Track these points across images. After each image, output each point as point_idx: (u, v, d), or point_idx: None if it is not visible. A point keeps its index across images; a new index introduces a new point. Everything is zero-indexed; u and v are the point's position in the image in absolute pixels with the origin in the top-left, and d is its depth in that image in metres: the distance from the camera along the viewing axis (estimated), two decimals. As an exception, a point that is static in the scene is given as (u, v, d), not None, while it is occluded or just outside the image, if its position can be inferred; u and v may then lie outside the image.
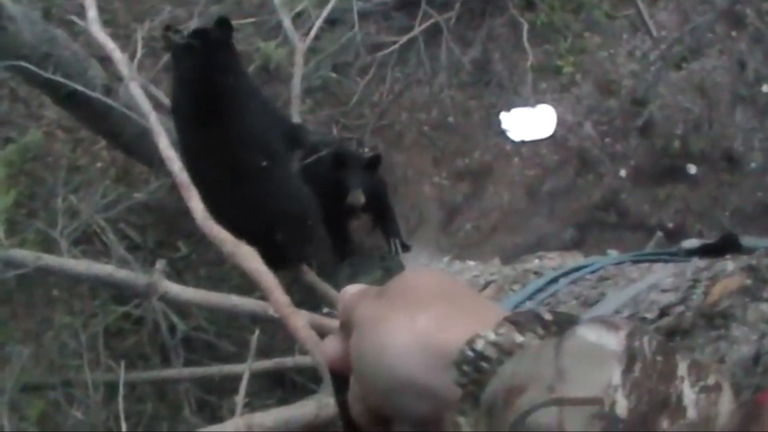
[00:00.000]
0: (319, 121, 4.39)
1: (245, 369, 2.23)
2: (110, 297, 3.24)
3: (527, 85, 4.57)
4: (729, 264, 0.82)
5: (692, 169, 4.41)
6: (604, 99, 4.62)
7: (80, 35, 3.32)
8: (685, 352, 0.41)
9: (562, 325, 0.43)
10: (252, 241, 2.71)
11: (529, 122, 4.51)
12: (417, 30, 4.51)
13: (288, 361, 2.76)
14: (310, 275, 2.95)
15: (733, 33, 4.82)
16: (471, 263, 1.75)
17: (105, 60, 2.93)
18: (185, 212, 2.23)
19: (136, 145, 3.06)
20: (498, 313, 0.45)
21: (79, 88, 2.48)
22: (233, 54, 2.93)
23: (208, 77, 2.78)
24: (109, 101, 2.51)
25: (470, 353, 0.43)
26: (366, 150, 4.39)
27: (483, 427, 0.41)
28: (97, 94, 2.53)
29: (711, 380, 0.39)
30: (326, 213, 3.26)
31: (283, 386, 3.32)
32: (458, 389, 0.43)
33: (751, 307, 0.70)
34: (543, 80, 4.66)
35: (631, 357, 0.39)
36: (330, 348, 0.55)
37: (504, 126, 4.54)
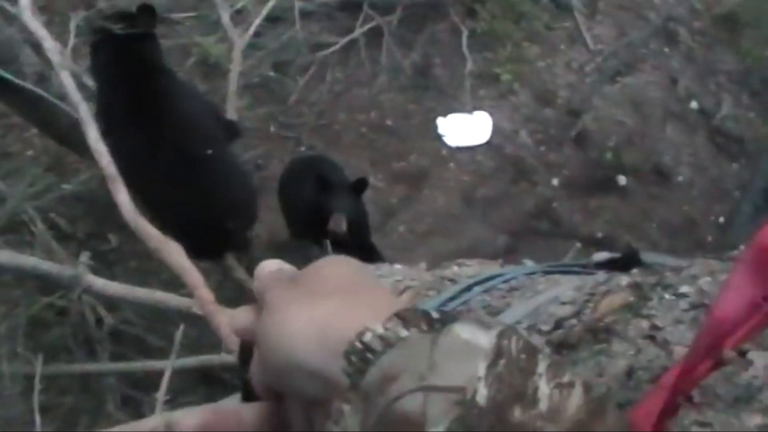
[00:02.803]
0: (257, 118, 4.37)
1: (167, 365, 2.21)
2: (36, 287, 3.17)
3: (466, 91, 4.63)
4: (623, 279, 0.85)
5: (622, 180, 4.51)
6: (541, 108, 4.70)
7: (16, 20, 3.25)
8: (547, 355, 0.44)
9: (446, 323, 0.45)
10: (202, 231, 2.69)
11: (466, 128, 4.57)
12: (358, 31, 4.54)
13: (214, 358, 2.74)
14: (240, 272, 2.93)
15: (666, 50, 4.95)
16: (398, 267, 1.75)
17: (40, 47, 2.86)
18: (116, 204, 2.21)
19: (68, 135, 2.99)
20: (394, 308, 0.48)
21: (8, 76, 2.42)
22: (157, 44, 2.84)
23: (139, 74, 2.73)
24: (39, 90, 2.45)
25: (359, 344, 0.45)
26: (303, 149, 4.39)
27: (361, 413, 0.43)
28: (26, 83, 2.47)
29: (566, 378, 0.41)
30: (302, 237, 3.15)
31: (210, 384, 3.29)
32: (346, 377, 0.45)
33: (632, 323, 0.74)
34: (481, 87, 4.72)
35: (497, 353, 0.41)
36: (240, 319, 0.57)
37: (441, 131, 4.58)
